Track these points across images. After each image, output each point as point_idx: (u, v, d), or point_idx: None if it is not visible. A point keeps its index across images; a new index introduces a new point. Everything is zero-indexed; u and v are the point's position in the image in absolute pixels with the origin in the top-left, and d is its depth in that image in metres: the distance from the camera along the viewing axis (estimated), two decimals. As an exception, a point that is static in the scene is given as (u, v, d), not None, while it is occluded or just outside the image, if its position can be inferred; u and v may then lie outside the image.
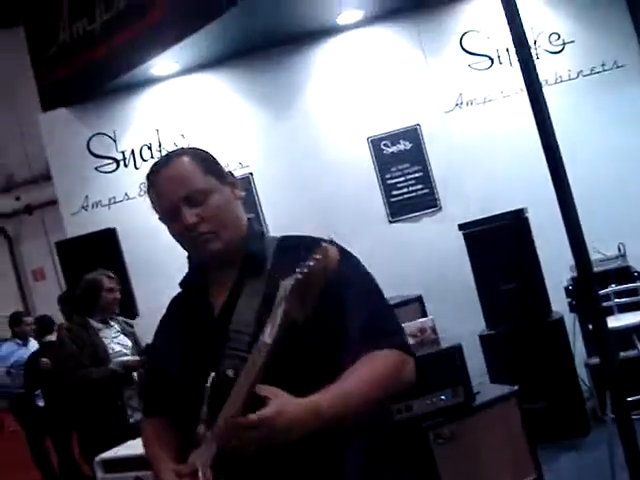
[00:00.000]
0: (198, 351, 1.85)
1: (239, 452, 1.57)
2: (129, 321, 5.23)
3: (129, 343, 5.01)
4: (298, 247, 1.82)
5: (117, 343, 4.97)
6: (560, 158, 2.60)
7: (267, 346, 1.55)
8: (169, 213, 1.88)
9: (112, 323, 5.06)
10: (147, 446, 2.01)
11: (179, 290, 2.09)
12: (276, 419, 1.53)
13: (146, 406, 2.13)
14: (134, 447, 4.03)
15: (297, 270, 1.53)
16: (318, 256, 1.52)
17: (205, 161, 1.93)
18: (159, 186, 1.92)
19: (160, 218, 1.95)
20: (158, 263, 6.41)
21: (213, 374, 1.72)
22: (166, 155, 1.98)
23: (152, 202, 1.96)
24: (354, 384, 1.68)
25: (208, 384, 1.71)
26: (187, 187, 1.84)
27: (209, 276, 1.95)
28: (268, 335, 1.54)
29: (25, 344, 7.69)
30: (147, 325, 6.38)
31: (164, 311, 2.13)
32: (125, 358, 4.80)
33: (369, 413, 1.79)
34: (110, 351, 4.88)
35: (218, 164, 1.98)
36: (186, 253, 2.02)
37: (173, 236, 1.91)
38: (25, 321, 7.81)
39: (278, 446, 1.57)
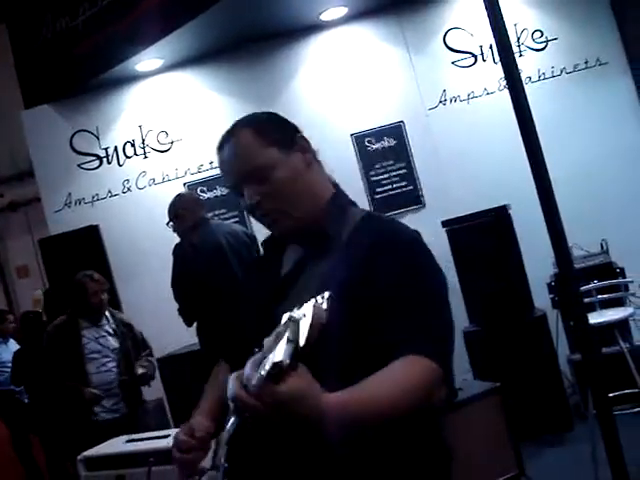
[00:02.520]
0: (257, 312, 1.77)
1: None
2: (126, 321, 5.22)
3: (114, 345, 5.03)
4: (377, 232, 1.72)
5: (99, 344, 4.99)
6: (541, 155, 2.61)
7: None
8: (234, 191, 1.80)
9: (103, 323, 5.08)
10: (205, 390, 1.93)
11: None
12: (289, 386, 1.32)
13: (221, 351, 2.00)
14: (116, 445, 4.03)
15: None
16: (304, 314, 1.33)
17: (268, 130, 1.78)
18: (222, 164, 1.82)
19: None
20: (141, 260, 6.40)
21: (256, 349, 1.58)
22: (229, 128, 1.85)
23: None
24: (375, 389, 1.47)
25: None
26: (246, 165, 1.73)
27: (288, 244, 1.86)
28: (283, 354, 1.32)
29: (5, 342, 7.65)
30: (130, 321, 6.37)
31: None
32: (90, 390, 4.87)
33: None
34: (86, 351, 4.93)
35: (283, 129, 1.83)
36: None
37: (245, 210, 1.81)
38: (8, 319, 7.78)
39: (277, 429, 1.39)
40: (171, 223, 5.04)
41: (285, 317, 1.36)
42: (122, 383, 4.97)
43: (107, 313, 5.14)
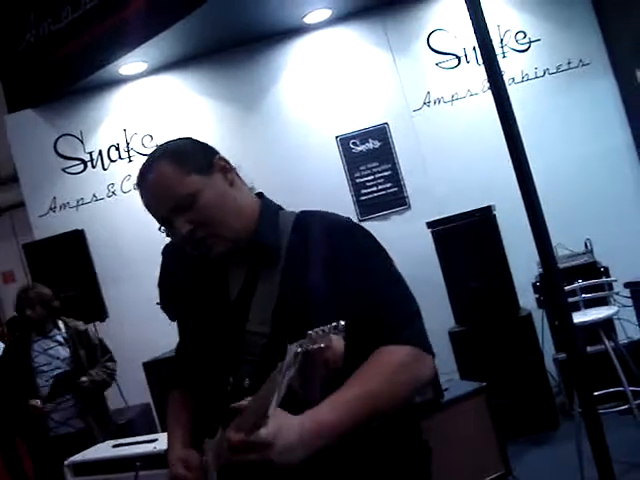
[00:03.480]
0: (219, 333, 1.80)
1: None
2: (81, 328, 5.12)
3: (64, 355, 4.96)
4: (315, 230, 1.76)
5: (48, 355, 4.95)
6: (525, 156, 2.61)
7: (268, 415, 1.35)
8: (164, 225, 1.79)
9: (53, 333, 5.03)
10: (168, 417, 1.98)
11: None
12: (272, 441, 1.38)
13: (171, 378, 2.06)
14: (103, 450, 4.02)
15: (304, 340, 1.33)
16: (322, 345, 1.31)
17: (184, 159, 1.77)
18: (145, 199, 1.80)
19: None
20: (126, 264, 6.38)
21: (231, 379, 1.69)
22: (146, 162, 1.84)
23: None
24: (357, 391, 1.54)
25: (228, 387, 1.69)
26: (171, 197, 1.73)
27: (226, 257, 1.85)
28: (273, 406, 1.32)
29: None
30: (116, 327, 6.40)
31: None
32: (33, 404, 4.81)
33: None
34: (35, 365, 4.91)
35: (201, 154, 1.83)
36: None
37: (176, 242, 1.82)
38: None
39: (283, 468, 1.42)
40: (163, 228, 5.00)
41: (292, 350, 1.33)
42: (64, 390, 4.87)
43: (60, 322, 5.07)
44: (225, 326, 1.79)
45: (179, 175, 1.73)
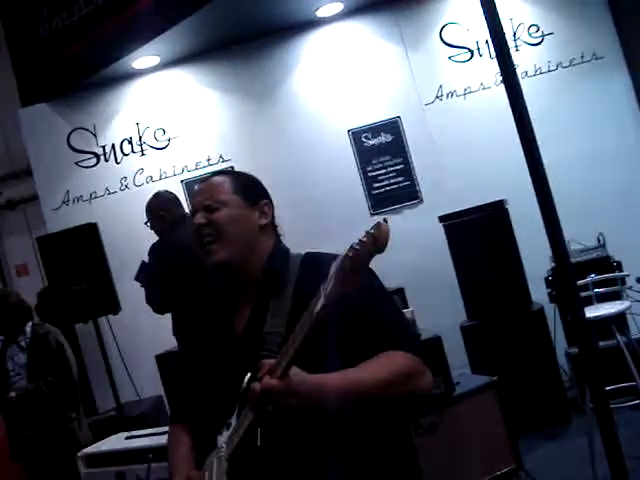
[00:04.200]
0: (227, 363, 1.97)
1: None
2: (42, 331, 5.06)
3: (23, 361, 4.95)
4: (322, 264, 1.82)
5: (12, 361, 4.98)
6: (537, 149, 2.61)
7: (313, 317, 1.57)
8: (192, 213, 2.07)
9: (20, 339, 5.03)
10: (170, 452, 2.10)
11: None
12: (294, 384, 1.60)
13: (173, 412, 2.22)
14: (115, 442, 4.04)
15: (349, 247, 1.53)
16: (372, 231, 1.50)
17: (241, 184, 2.08)
18: (195, 192, 2.13)
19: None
20: (139, 257, 6.39)
21: (249, 374, 1.78)
22: (219, 170, 2.29)
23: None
24: (365, 373, 1.74)
25: (244, 384, 1.78)
26: (210, 197, 2.02)
27: (233, 292, 2.08)
28: (316, 306, 1.56)
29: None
30: (129, 320, 6.44)
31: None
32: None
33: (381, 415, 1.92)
34: (6, 370, 4.94)
35: (256, 190, 2.12)
36: None
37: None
38: None
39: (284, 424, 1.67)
40: (148, 223, 5.02)
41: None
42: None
43: (28, 327, 5.04)
44: (236, 349, 1.98)
45: (227, 188, 2.04)
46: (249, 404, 1.69)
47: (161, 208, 4.98)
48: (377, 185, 6.53)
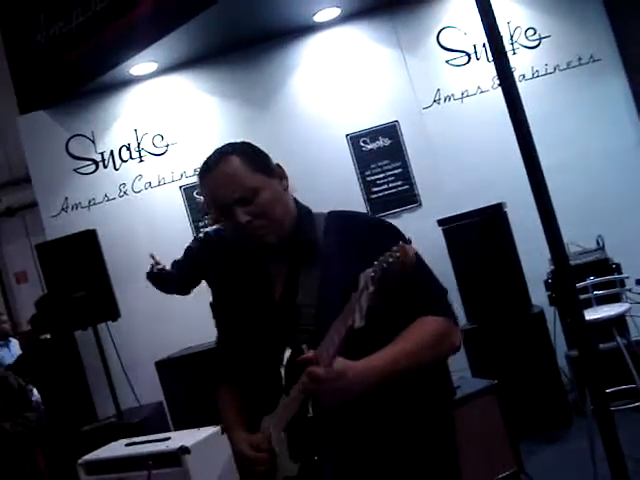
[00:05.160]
0: (267, 331, 2.00)
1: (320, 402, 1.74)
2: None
3: None
4: (346, 224, 2.01)
5: None
6: (535, 152, 2.61)
7: (347, 327, 1.63)
8: (223, 213, 1.97)
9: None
10: (222, 408, 2.17)
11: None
12: (341, 375, 1.68)
13: (217, 375, 2.23)
14: (116, 449, 4.03)
15: (376, 264, 1.59)
16: (397, 254, 1.58)
17: (253, 158, 2.00)
18: (210, 188, 1.99)
19: (207, 213, 2.10)
20: (138, 264, 6.38)
21: (289, 351, 1.87)
22: (215, 154, 2.03)
23: (205, 201, 2.07)
24: (404, 344, 1.82)
25: (284, 360, 1.87)
26: (238, 188, 1.93)
27: (268, 260, 2.07)
28: (359, 321, 1.59)
29: (6, 345, 7.66)
30: (129, 326, 6.44)
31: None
32: None
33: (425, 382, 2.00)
34: None
35: (265, 158, 2.06)
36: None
37: (227, 231, 2.04)
38: (1, 319, 7.79)
39: (345, 404, 1.73)
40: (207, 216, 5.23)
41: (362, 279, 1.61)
42: None
43: None
44: (274, 316, 2.00)
45: (247, 171, 1.95)
46: (300, 390, 1.77)
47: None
48: (376, 189, 6.53)
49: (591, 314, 4.28)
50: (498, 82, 2.70)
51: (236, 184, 1.93)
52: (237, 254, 2.15)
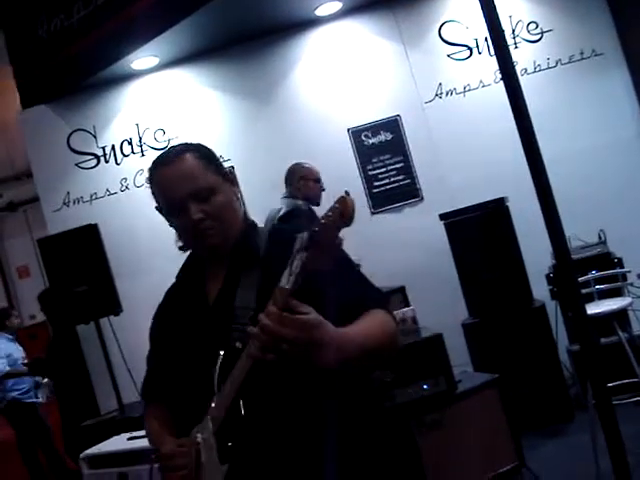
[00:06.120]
0: (199, 336, 1.95)
1: (277, 356, 1.59)
2: None
3: None
4: (289, 237, 1.88)
5: None
6: (537, 146, 2.62)
7: (285, 291, 1.56)
8: (175, 208, 1.95)
9: None
10: (149, 426, 2.12)
11: (162, 285, 2.17)
12: (317, 325, 1.58)
13: (147, 393, 2.21)
14: (118, 443, 4.05)
15: (314, 225, 1.54)
16: (337, 205, 1.53)
17: (208, 158, 1.99)
18: (164, 182, 1.97)
19: (158, 209, 2.03)
20: (140, 258, 6.41)
21: (222, 353, 1.81)
22: (170, 151, 2.01)
23: (155, 196, 2.01)
24: (368, 326, 1.78)
25: (219, 359, 1.81)
26: (193, 184, 1.91)
27: (205, 267, 2.06)
28: (286, 282, 1.56)
29: (16, 340, 7.74)
30: (131, 321, 6.44)
31: (147, 306, 2.21)
32: None
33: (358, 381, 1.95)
34: None
35: (219, 161, 2.04)
36: (171, 246, 2.07)
37: (175, 228, 2.02)
38: (13, 314, 7.87)
39: (309, 367, 1.61)
40: (299, 184, 5.38)
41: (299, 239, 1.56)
42: None
43: None
44: (209, 323, 1.95)
45: (203, 169, 1.94)
46: (257, 340, 1.61)
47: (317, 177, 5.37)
48: (377, 184, 6.52)
49: (593, 308, 4.28)
50: (500, 76, 2.71)
51: (193, 180, 1.92)
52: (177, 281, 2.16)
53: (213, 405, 1.80)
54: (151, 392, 2.17)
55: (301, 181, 5.39)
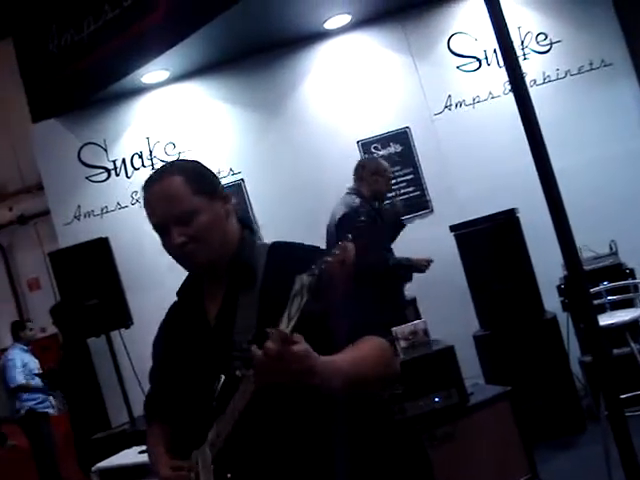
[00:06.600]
0: (200, 358, 1.93)
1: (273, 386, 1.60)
2: None
3: None
4: (289, 254, 1.92)
5: None
6: (548, 157, 2.61)
7: (284, 335, 1.53)
8: (159, 229, 1.93)
9: None
10: (150, 444, 2.11)
11: (173, 298, 2.16)
12: (307, 355, 1.56)
13: (149, 411, 2.18)
14: (129, 456, 4.05)
15: (314, 266, 1.51)
16: (337, 252, 1.50)
17: (196, 180, 1.94)
18: (148, 204, 1.95)
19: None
20: (151, 271, 6.41)
21: (223, 377, 1.80)
22: (158, 171, 1.99)
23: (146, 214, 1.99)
24: (357, 355, 1.75)
25: (218, 386, 1.80)
26: (175, 207, 1.88)
27: (204, 287, 2.03)
28: (286, 325, 1.53)
29: (30, 350, 7.82)
30: (142, 334, 6.42)
31: (158, 319, 2.20)
32: None
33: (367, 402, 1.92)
34: None
35: (210, 179, 2.00)
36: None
37: (163, 246, 1.97)
38: (27, 326, 7.94)
39: (296, 394, 1.64)
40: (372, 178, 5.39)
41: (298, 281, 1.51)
42: None
43: None
44: (209, 345, 1.93)
45: (188, 192, 1.90)
46: (256, 371, 1.62)
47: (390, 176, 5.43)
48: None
49: (605, 319, 4.26)
50: (509, 87, 2.71)
51: (174, 204, 1.88)
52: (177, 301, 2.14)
53: (212, 432, 1.80)
54: (153, 411, 2.15)
55: (374, 176, 5.37)
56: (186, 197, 1.89)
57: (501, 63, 6.25)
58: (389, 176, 5.47)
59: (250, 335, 1.78)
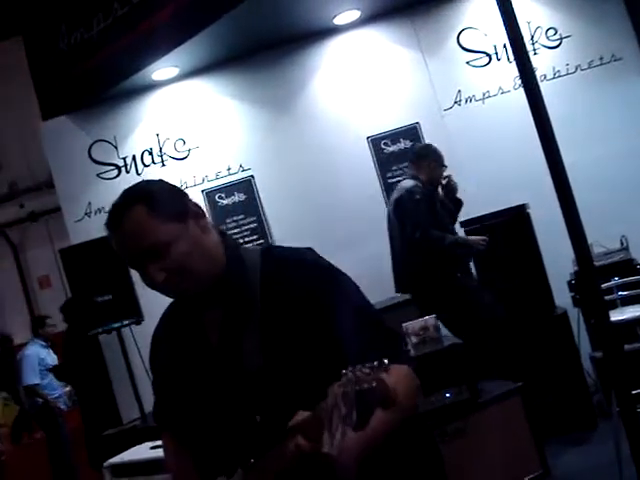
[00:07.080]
0: (207, 380, 1.83)
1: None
2: None
3: None
4: (286, 263, 1.82)
5: None
6: (558, 152, 2.61)
7: (328, 457, 1.36)
8: (134, 266, 1.78)
9: None
10: (165, 456, 2.03)
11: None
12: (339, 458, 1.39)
13: (159, 421, 2.09)
14: (141, 452, 4.06)
15: (345, 380, 1.33)
16: (374, 384, 1.31)
17: (162, 204, 1.74)
18: (116, 246, 1.78)
19: None
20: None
21: (258, 418, 1.72)
22: (118, 205, 1.77)
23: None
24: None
25: (239, 426, 1.74)
26: (145, 241, 1.71)
27: (198, 302, 1.87)
28: (329, 447, 1.33)
29: (49, 347, 7.86)
30: (152, 329, 6.41)
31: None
32: None
33: None
34: None
35: (177, 199, 1.80)
36: None
37: (144, 283, 1.81)
38: (47, 323, 7.99)
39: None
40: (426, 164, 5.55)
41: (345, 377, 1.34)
42: None
43: None
44: (215, 366, 1.82)
45: (155, 222, 1.71)
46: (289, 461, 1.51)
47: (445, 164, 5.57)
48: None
49: (616, 315, 4.25)
50: (519, 83, 2.70)
51: (143, 238, 1.70)
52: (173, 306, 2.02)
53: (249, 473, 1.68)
54: (163, 421, 2.05)
55: (433, 163, 5.52)
56: (153, 228, 1.70)
57: (511, 58, 6.24)
58: (443, 163, 5.54)
59: (259, 364, 1.72)
